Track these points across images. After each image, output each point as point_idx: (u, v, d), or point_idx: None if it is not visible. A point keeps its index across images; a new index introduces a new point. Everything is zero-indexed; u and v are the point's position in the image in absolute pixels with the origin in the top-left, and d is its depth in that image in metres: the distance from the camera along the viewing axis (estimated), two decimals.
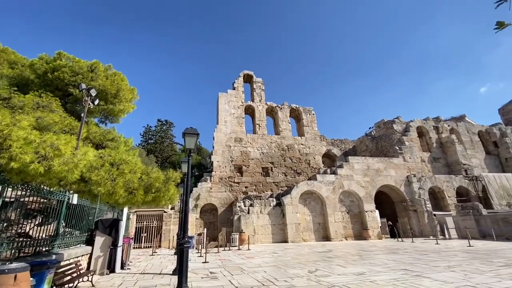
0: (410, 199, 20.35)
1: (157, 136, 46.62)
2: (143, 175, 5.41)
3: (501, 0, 1.54)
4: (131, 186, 4.98)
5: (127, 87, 11.41)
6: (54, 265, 5.03)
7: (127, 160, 5.42)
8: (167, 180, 5.43)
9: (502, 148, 27.13)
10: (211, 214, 23.80)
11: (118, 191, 4.71)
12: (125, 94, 11.21)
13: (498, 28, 1.61)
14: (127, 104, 11.55)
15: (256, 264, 9.28)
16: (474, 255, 9.72)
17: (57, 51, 10.12)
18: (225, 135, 26.38)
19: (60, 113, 8.59)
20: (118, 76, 11.23)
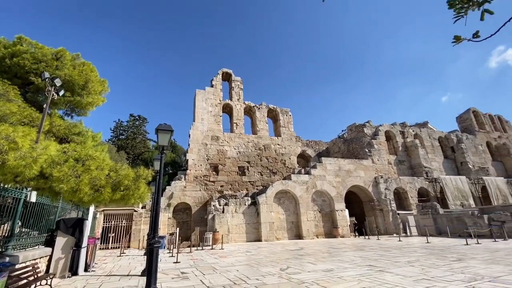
0: (377, 199, 21.55)
1: (129, 132, 44.56)
2: (111, 172, 5.15)
3: (458, 16, 1.71)
4: (98, 184, 4.73)
5: (96, 79, 10.79)
6: (7, 268, 4.63)
7: (94, 156, 5.14)
8: (137, 177, 5.23)
9: (458, 153, 29.71)
10: (185, 214, 23.31)
11: (83, 188, 4.45)
12: (94, 86, 10.58)
13: (455, 42, 1.78)
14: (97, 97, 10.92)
15: (229, 263, 9.27)
16: (431, 251, 10.56)
17: (17, 35, 9.30)
18: (201, 133, 25.96)
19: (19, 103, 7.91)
20: (87, 66, 10.58)
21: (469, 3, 1.53)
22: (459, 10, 1.57)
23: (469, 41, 1.61)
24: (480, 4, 1.52)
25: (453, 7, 1.57)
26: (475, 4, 1.53)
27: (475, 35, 1.59)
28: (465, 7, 1.55)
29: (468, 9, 1.56)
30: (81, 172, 4.69)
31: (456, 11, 1.58)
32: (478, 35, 1.59)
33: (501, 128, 36.84)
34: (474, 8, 1.55)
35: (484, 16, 1.52)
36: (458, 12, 1.58)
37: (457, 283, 5.32)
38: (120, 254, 13.17)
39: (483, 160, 31.18)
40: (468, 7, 1.55)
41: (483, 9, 1.53)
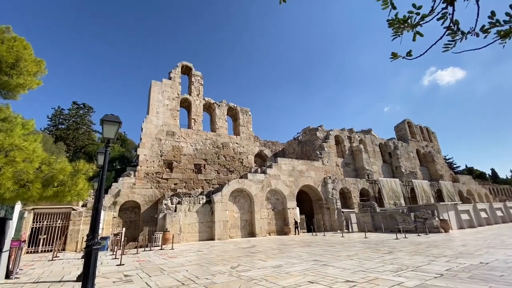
0: (325, 198, 23.14)
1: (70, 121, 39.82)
2: (43, 165, 4.52)
3: (395, 35, 1.92)
4: (24, 178, 4.10)
5: (31, 58, 9.35)
6: None
7: (22, 146, 4.44)
8: (75, 172, 4.68)
9: (394, 158, 33.66)
10: (133, 213, 21.78)
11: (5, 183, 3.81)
12: (27, 66, 9.15)
13: (392, 58, 2.00)
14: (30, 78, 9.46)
15: (179, 263, 8.95)
16: (367, 245, 11.74)
17: None
18: (156, 127, 24.53)
19: None
20: (20, 43, 9.09)
21: (405, 24, 1.75)
22: (396, 30, 1.78)
23: (404, 58, 1.84)
24: (413, 27, 1.75)
25: (392, 26, 1.77)
26: (409, 26, 1.75)
27: (408, 54, 1.83)
28: (401, 27, 1.76)
29: (403, 29, 1.78)
30: (3, 164, 4.01)
31: (394, 30, 1.79)
32: (410, 54, 1.83)
33: (428, 138, 42.86)
34: (408, 30, 1.77)
35: (416, 37, 1.76)
36: (396, 31, 1.79)
37: (387, 273, 6.01)
38: (52, 258, 11.66)
39: (413, 165, 35.89)
40: (404, 27, 1.77)
41: (415, 31, 1.76)
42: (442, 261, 7.13)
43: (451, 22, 1.66)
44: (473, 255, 7.84)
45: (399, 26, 1.76)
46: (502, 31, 1.71)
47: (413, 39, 1.76)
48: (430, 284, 4.93)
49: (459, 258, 7.53)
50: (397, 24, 1.75)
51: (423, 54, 1.77)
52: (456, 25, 1.68)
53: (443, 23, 1.67)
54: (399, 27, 1.76)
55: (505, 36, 1.71)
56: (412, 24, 1.73)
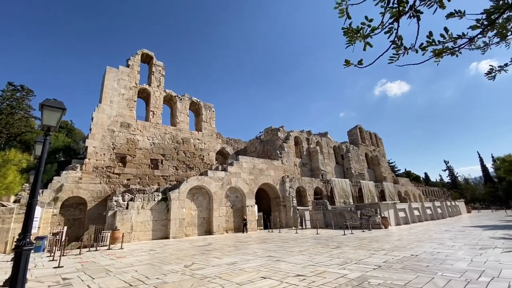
0: (283, 196, 23.94)
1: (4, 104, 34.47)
2: None
3: (349, 43, 2.06)
4: None
5: None
6: None
7: None
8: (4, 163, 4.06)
9: (346, 160, 36.35)
10: (77, 210, 19.80)
11: None
12: None
13: (346, 65, 2.15)
14: None
15: (127, 263, 8.39)
16: (318, 241, 12.48)
17: None
18: (109, 118, 22.59)
19: None
20: None
21: (357, 34, 1.90)
22: (350, 38, 1.92)
23: (355, 66, 2.00)
24: (364, 37, 1.91)
25: (346, 34, 1.91)
26: (361, 36, 1.91)
27: (359, 62, 1.99)
28: (354, 37, 1.91)
29: (356, 39, 1.93)
30: None
31: (348, 38, 1.93)
32: (361, 63, 1.99)
33: (376, 143, 47.20)
34: (360, 40, 1.93)
35: (366, 47, 1.92)
36: (350, 40, 1.93)
37: (334, 266, 6.47)
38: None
39: (362, 167, 39.20)
40: (356, 37, 1.92)
41: (366, 41, 1.92)
42: (381, 254, 7.93)
43: (395, 37, 1.85)
44: (406, 248, 8.88)
45: (353, 36, 1.90)
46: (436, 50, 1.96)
47: (364, 48, 1.92)
48: (369, 275, 5.45)
49: (395, 251, 8.46)
50: (351, 33, 1.89)
51: (371, 63, 1.95)
52: (400, 40, 1.88)
53: (389, 37, 1.85)
54: (352, 36, 1.91)
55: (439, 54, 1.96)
56: (364, 34, 1.89)
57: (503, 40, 2.32)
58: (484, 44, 2.38)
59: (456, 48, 2.00)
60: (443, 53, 2.02)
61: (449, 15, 2.03)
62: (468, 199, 58.84)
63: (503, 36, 2.26)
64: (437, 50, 1.96)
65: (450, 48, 2.01)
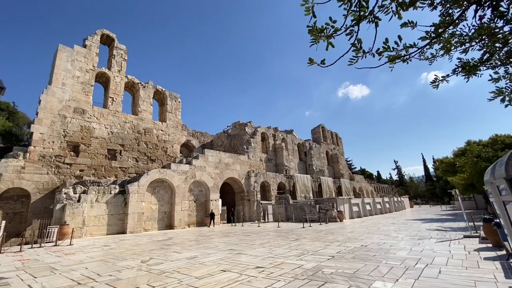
0: (247, 190, 24.18)
1: None
2: None
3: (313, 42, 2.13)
4: None
5: None
6: None
7: None
8: None
9: (308, 157, 37.98)
10: (19, 202, 17.73)
11: None
12: None
13: (309, 63, 2.21)
14: None
15: (77, 260, 7.77)
16: (279, 233, 12.91)
17: None
18: (60, 102, 20.43)
19: None
20: None
21: (321, 33, 1.98)
22: (315, 37, 2.00)
23: (318, 65, 2.08)
24: (328, 37, 2.00)
25: (311, 33, 1.98)
26: (325, 36, 2.00)
27: (322, 62, 2.09)
28: (318, 36, 1.99)
29: (320, 38, 2.01)
30: None
31: (312, 37, 2.00)
32: (324, 62, 2.09)
33: (336, 142, 50.04)
34: (324, 39, 2.02)
35: (329, 47, 2.02)
36: (314, 38, 2.00)
37: (292, 258, 6.76)
38: None
39: (323, 164, 41.32)
40: (320, 37, 1.99)
41: (328, 41, 2.01)
42: (335, 245, 8.50)
43: (355, 39, 1.97)
44: (357, 240, 9.64)
45: (317, 35, 1.97)
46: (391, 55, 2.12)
47: (326, 48, 2.01)
48: (324, 265, 5.81)
49: (347, 242, 9.13)
50: (315, 32, 1.96)
51: (333, 63, 2.05)
52: (360, 43, 2.00)
53: (350, 39, 1.96)
54: (317, 35, 1.98)
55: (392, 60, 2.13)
56: (327, 34, 1.97)
57: (447, 53, 2.61)
58: (432, 55, 2.66)
59: (407, 56, 2.20)
60: (396, 59, 2.21)
61: (403, 25, 2.22)
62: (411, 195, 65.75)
63: (447, 50, 2.55)
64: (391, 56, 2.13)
65: (402, 56, 2.20)
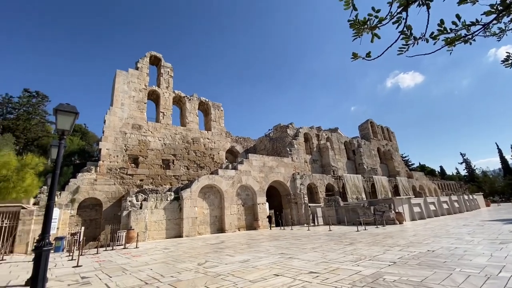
0: (294, 193, 23.84)
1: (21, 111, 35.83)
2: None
3: (356, 36, 2.00)
4: None
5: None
6: None
7: None
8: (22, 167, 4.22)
9: (357, 155, 35.77)
10: (93, 210, 20.40)
11: None
12: None
13: (353, 58, 2.09)
14: None
15: (143, 262, 8.59)
16: (331, 237, 12.37)
17: None
18: (120, 120, 23.11)
19: None
20: None
21: (364, 25, 1.84)
22: (357, 30, 1.87)
23: (363, 59, 1.94)
24: (372, 29, 1.85)
25: (353, 27, 1.85)
26: (368, 28, 1.85)
27: (367, 55, 1.94)
28: (361, 29, 1.85)
29: (363, 31, 1.87)
30: None
31: (354, 30, 1.87)
32: (369, 55, 1.94)
33: (388, 137, 46.19)
34: (368, 31, 1.87)
35: (374, 39, 1.86)
36: (357, 32, 1.88)
37: (347, 263, 6.39)
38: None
39: (374, 162, 38.48)
40: (363, 29, 1.86)
41: (373, 33, 1.86)
42: (396, 250, 7.77)
43: (404, 27, 1.78)
44: (422, 244, 8.66)
45: (359, 27, 1.85)
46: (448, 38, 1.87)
47: (371, 40, 1.87)
48: (384, 272, 5.35)
49: (410, 247, 8.27)
50: (357, 25, 1.84)
51: (380, 55, 1.88)
52: (409, 30, 1.81)
53: (398, 27, 1.79)
54: (359, 28, 1.85)
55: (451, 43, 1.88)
56: (371, 26, 1.83)
57: None
58: (500, 30, 2.26)
59: (470, 36, 1.91)
60: (455, 41, 1.93)
61: (461, 1, 1.93)
62: (486, 192, 56.81)
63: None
64: (449, 39, 1.87)
65: (463, 36, 1.92)
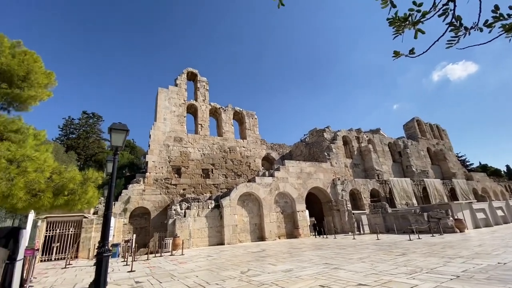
0: (335, 199, 22.83)
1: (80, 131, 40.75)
2: (54, 174, 4.62)
3: (396, 33, 1.89)
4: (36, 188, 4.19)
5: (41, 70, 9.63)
6: None
7: (33, 156, 4.56)
8: (85, 181, 4.76)
9: (404, 157, 33.02)
10: (143, 219, 22.00)
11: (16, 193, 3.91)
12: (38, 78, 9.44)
13: (395, 57, 1.96)
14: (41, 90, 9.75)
15: (189, 269, 8.95)
16: (380, 247, 11.49)
17: None
18: (163, 134, 24.84)
19: None
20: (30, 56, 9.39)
21: (406, 22, 1.72)
22: (397, 28, 1.75)
23: (406, 56, 1.80)
24: (414, 24, 1.71)
25: (393, 25, 1.74)
26: (410, 24, 1.72)
27: (411, 52, 1.79)
28: (402, 26, 1.73)
29: (405, 27, 1.74)
30: (16, 174, 4.12)
31: (395, 28, 1.76)
32: (413, 52, 1.79)
33: (438, 136, 41.93)
34: (410, 27, 1.74)
35: (418, 35, 1.72)
36: (397, 30, 1.76)
37: (400, 276, 5.86)
38: (65, 265, 11.85)
39: (424, 164, 35.10)
40: (405, 25, 1.73)
41: (417, 28, 1.72)
42: (458, 262, 6.90)
43: (453, 18, 1.62)
44: (491, 255, 7.56)
45: (400, 25, 1.73)
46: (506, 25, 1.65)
47: (415, 36, 1.73)
48: (446, 286, 4.77)
49: (476, 258, 7.28)
50: (398, 22, 1.72)
51: (425, 51, 1.73)
52: (459, 20, 1.63)
53: (445, 20, 1.63)
54: (400, 26, 1.73)
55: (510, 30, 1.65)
56: (413, 21, 1.70)
57: None
58: None
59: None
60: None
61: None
62: None
63: None
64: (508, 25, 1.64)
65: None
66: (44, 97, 10.19)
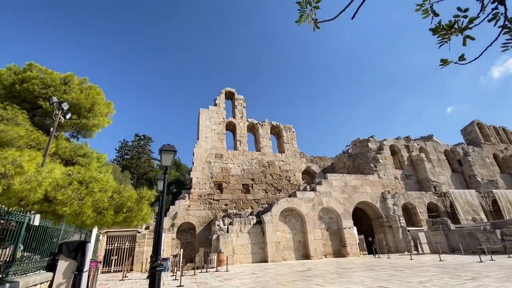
0: (385, 215, 20.98)
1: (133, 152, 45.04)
2: (114, 193, 5.18)
3: (442, 42, 1.77)
4: (101, 206, 4.74)
5: (103, 101, 11.11)
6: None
7: (98, 178, 5.19)
8: (140, 199, 5.23)
9: (466, 166, 29.17)
10: (189, 234, 22.93)
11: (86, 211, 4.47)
12: (100, 108, 10.89)
13: (443, 65, 1.83)
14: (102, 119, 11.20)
15: (234, 286, 8.97)
16: (444, 269, 10.11)
17: (27, 62, 9.74)
18: (205, 151, 26.10)
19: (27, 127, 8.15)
20: (94, 90, 10.93)
21: (451, 29, 1.60)
22: (443, 36, 1.64)
23: (456, 63, 1.67)
24: (462, 31, 1.59)
25: (436, 33, 1.64)
26: (458, 31, 1.60)
27: (461, 58, 1.65)
28: (448, 33, 1.62)
29: (451, 35, 1.63)
30: (85, 194, 4.73)
31: (439, 37, 1.65)
32: (463, 58, 1.65)
33: (506, 140, 36.34)
34: (457, 34, 1.62)
35: (466, 41, 1.58)
36: (442, 38, 1.65)
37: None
38: (122, 278, 12.86)
39: (492, 172, 30.50)
40: (451, 33, 1.62)
41: (465, 35, 1.59)
42: None
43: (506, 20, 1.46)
44: None
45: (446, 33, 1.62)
46: None
47: (463, 43, 1.59)
48: None
49: None
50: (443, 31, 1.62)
51: (477, 58, 1.58)
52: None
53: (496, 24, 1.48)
54: (445, 34, 1.62)
55: None
56: (461, 28, 1.58)
57: None
58: None
59: None
60: None
61: None
62: None
63: None
64: None
65: None
66: (105, 124, 11.65)
